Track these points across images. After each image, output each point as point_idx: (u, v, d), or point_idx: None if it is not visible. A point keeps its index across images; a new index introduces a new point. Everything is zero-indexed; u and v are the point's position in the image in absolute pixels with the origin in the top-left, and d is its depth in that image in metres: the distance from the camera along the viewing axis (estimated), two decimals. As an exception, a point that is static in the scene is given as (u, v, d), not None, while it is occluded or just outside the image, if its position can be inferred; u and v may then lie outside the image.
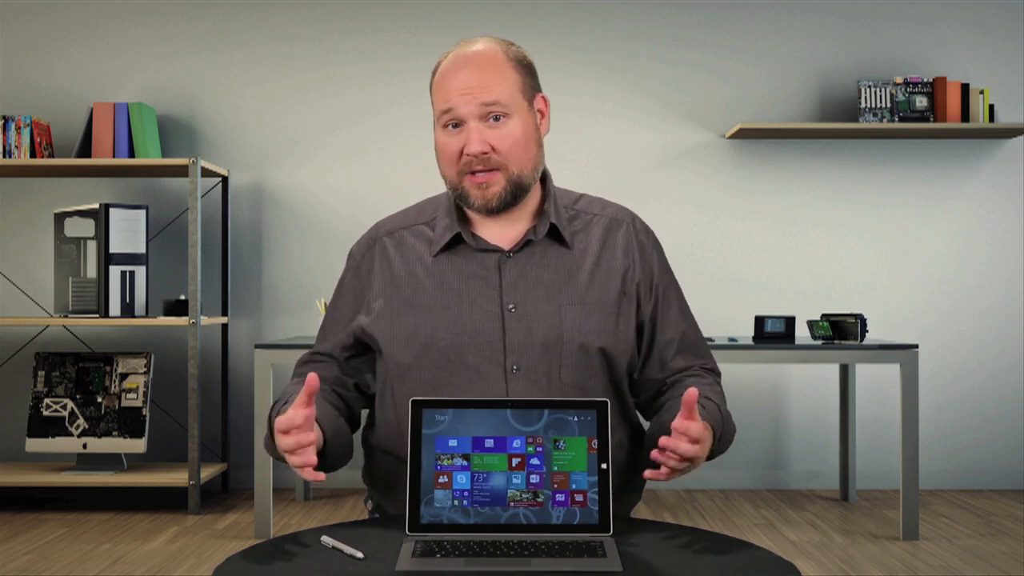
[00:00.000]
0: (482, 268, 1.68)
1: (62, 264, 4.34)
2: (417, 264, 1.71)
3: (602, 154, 4.70)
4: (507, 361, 1.65)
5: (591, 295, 1.68)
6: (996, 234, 4.71)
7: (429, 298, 1.68)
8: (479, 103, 1.63)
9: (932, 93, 4.54)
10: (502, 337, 1.65)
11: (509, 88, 1.65)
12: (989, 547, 3.64)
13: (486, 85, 1.63)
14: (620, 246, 1.73)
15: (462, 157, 1.65)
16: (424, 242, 1.73)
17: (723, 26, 4.72)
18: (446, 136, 1.66)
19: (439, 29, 4.71)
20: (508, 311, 1.66)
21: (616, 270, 1.71)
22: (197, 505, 4.17)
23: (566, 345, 1.65)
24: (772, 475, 4.71)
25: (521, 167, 1.66)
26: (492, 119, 1.64)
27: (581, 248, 1.72)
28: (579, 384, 1.66)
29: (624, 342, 1.70)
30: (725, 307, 4.68)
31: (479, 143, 1.62)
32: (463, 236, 1.69)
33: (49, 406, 4.33)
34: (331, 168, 4.72)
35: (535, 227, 1.70)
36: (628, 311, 1.71)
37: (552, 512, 1.46)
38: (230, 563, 1.38)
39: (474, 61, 1.65)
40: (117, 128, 4.40)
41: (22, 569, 3.34)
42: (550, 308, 1.66)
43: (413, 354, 1.67)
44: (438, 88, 1.67)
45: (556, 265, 1.69)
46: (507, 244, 1.70)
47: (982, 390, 4.72)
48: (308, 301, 4.69)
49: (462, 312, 1.66)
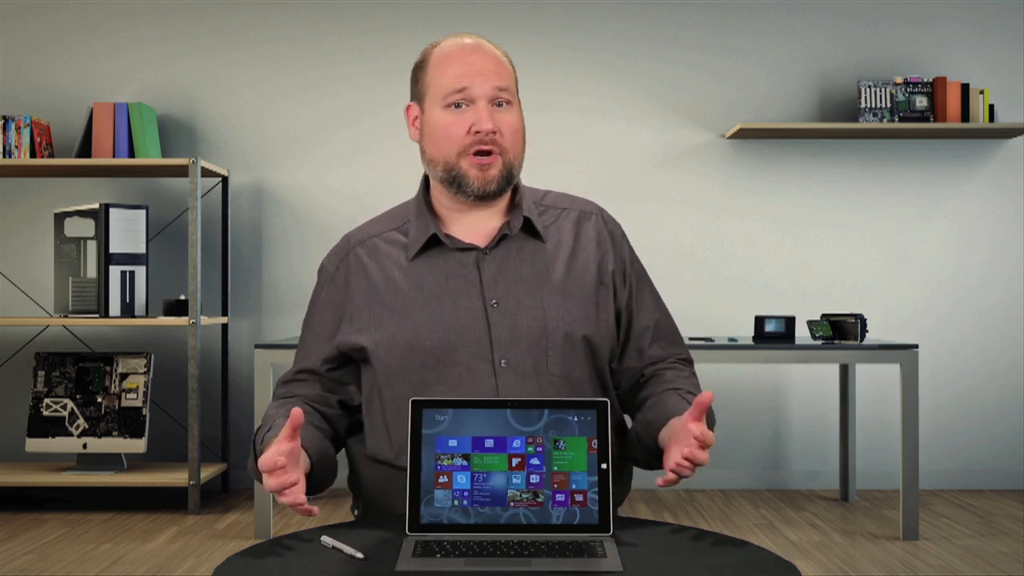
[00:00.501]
0: (460, 267, 1.69)
1: (62, 264, 4.34)
2: (394, 269, 1.72)
3: (602, 154, 4.70)
4: (495, 356, 1.65)
5: (570, 285, 1.70)
6: (996, 234, 4.71)
7: (410, 301, 1.69)
8: (493, 85, 1.66)
9: (932, 93, 4.54)
10: (488, 333, 1.66)
11: (512, 83, 1.71)
12: (989, 547, 3.64)
13: (498, 71, 1.68)
14: (592, 237, 1.76)
15: (467, 136, 1.65)
16: (398, 247, 1.74)
17: (723, 26, 4.72)
18: (450, 115, 1.67)
19: (439, 29, 4.71)
20: (491, 307, 1.67)
21: (591, 260, 1.73)
22: (197, 505, 4.17)
23: (551, 336, 1.67)
24: (772, 475, 4.71)
25: (516, 154, 1.70)
26: (497, 104, 1.67)
27: (554, 241, 1.73)
28: (566, 374, 1.67)
29: (605, 329, 1.72)
30: (725, 307, 4.68)
31: (490, 121, 1.65)
32: (439, 236, 1.70)
33: (49, 406, 4.33)
34: (331, 168, 4.72)
35: (509, 222, 1.71)
36: (606, 299, 1.73)
37: (552, 512, 1.46)
38: (230, 563, 1.38)
39: (481, 49, 1.69)
40: (117, 128, 4.40)
41: (22, 569, 3.34)
42: (532, 301, 1.68)
43: (401, 358, 1.67)
44: (443, 69, 1.68)
45: (533, 259, 1.71)
46: (482, 241, 1.71)
47: (982, 390, 4.72)
48: (308, 301, 4.69)
49: (445, 311, 1.67)
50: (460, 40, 1.70)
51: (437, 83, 1.68)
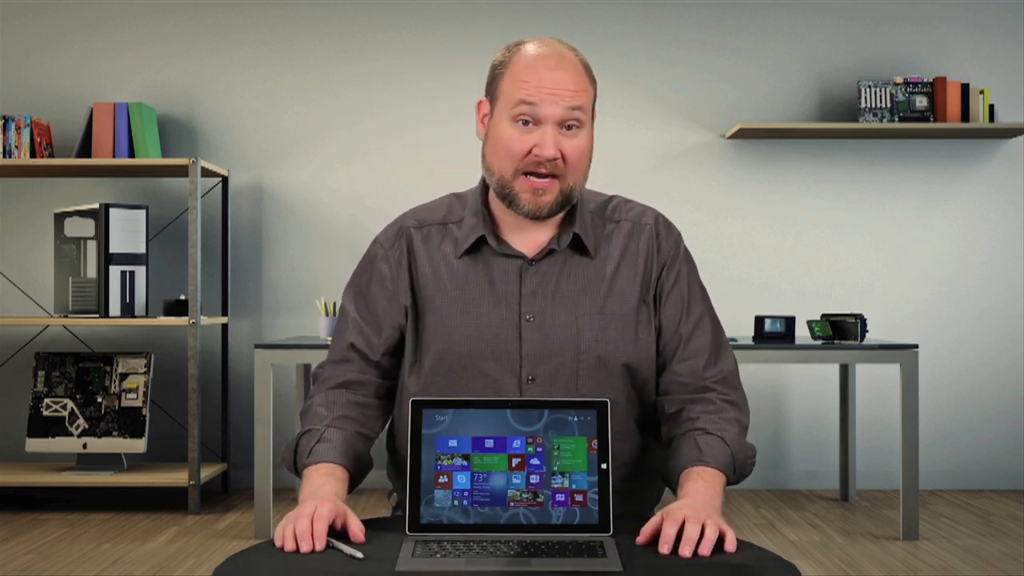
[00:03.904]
0: (503, 274, 1.67)
1: (62, 264, 4.34)
2: (441, 263, 1.69)
3: (602, 154, 4.70)
4: (523, 371, 1.64)
5: (610, 305, 1.66)
6: (996, 234, 4.71)
7: (449, 300, 1.67)
8: (566, 106, 1.58)
9: (932, 93, 4.54)
10: (519, 347, 1.64)
11: (588, 100, 1.63)
12: (989, 547, 3.64)
13: (577, 91, 1.60)
14: (642, 251, 1.70)
15: (527, 157, 1.59)
16: (450, 241, 1.70)
17: (723, 26, 4.72)
18: (515, 130, 1.60)
19: (439, 29, 4.71)
20: (526, 321, 1.65)
21: (636, 277, 1.69)
22: (197, 505, 4.17)
23: (583, 356, 1.64)
24: (772, 475, 4.71)
25: (577, 180, 1.63)
26: (566, 128, 1.60)
27: (603, 256, 1.69)
28: (598, 395, 1.64)
29: (645, 352, 1.68)
30: (725, 307, 4.68)
31: (554, 148, 1.58)
32: (487, 239, 1.67)
33: (49, 406, 4.33)
34: (331, 168, 4.72)
35: (559, 236, 1.68)
36: (647, 318, 1.69)
37: (552, 512, 1.46)
38: (230, 563, 1.38)
39: (566, 64, 1.60)
40: (117, 128, 4.40)
41: (22, 569, 3.34)
42: (567, 319, 1.65)
43: (432, 358, 1.66)
44: (519, 78, 1.60)
45: (577, 275, 1.67)
46: (531, 251, 1.68)
47: (982, 390, 4.72)
48: (308, 301, 4.69)
49: (480, 319, 1.65)
50: (542, 49, 1.61)
51: (510, 92, 1.60)
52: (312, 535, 1.40)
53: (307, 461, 1.60)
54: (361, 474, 1.64)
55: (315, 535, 1.40)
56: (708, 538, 1.39)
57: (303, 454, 1.61)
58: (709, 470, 1.58)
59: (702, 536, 1.39)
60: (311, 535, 1.40)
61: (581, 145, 1.61)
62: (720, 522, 1.43)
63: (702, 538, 1.39)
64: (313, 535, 1.40)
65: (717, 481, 1.57)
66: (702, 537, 1.39)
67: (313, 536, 1.40)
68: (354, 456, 1.62)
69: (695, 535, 1.39)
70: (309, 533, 1.40)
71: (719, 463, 1.59)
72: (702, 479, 1.56)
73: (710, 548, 1.38)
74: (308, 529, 1.40)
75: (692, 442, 1.61)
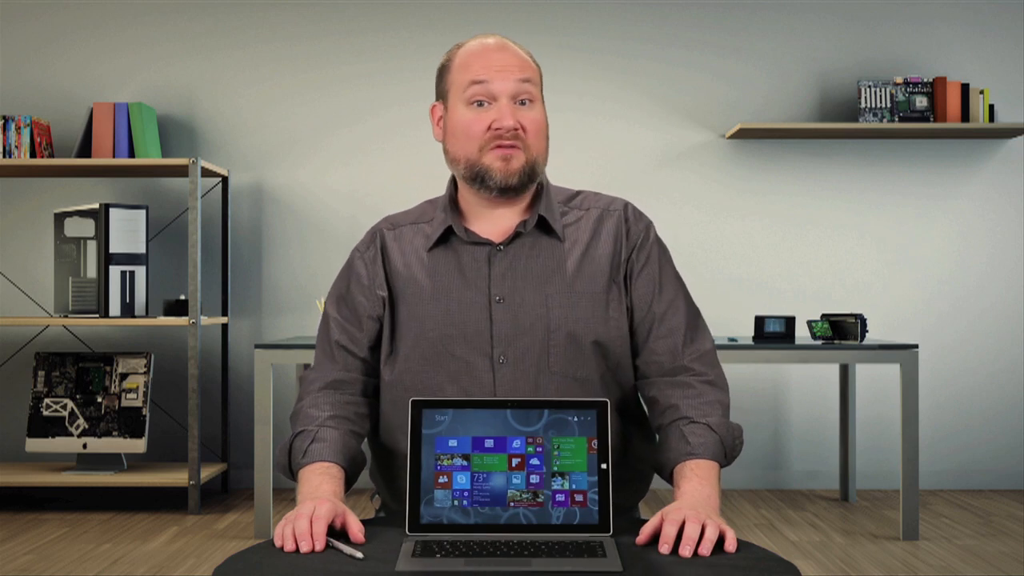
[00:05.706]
0: (473, 261, 1.70)
1: (62, 264, 4.34)
2: (413, 257, 1.74)
3: (602, 154, 4.70)
4: (494, 352, 1.66)
5: (579, 284, 1.69)
6: (996, 234, 4.71)
7: (421, 290, 1.71)
8: (515, 79, 1.66)
9: (932, 93, 4.54)
10: (489, 328, 1.67)
11: (536, 77, 1.71)
12: (989, 547, 3.64)
13: (523, 66, 1.68)
14: (611, 234, 1.73)
15: (488, 132, 1.65)
16: (422, 237, 1.75)
17: (723, 26, 4.72)
18: (472, 112, 1.67)
19: (439, 29, 4.71)
20: (495, 302, 1.68)
21: (604, 257, 1.71)
22: (197, 505, 4.17)
23: (553, 334, 1.66)
24: (772, 475, 4.71)
25: (539, 152, 1.69)
26: (520, 102, 1.67)
27: (572, 240, 1.72)
28: (570, 373, 1.67)
29: (616, 330, 1.70)
30: (725, 307, 4.68)
31: (512, 118, 1.65)
32: (455, 229, 1.71)
33: (49, 406, 4.33)
34: (331, 168, 4.72)
35: (524, 220, 1.71)
36: (618, 296, 1.71)
37: (552, 512, 1.46)
38: (230, 563, 1.38)
39: (505, 47, 1.70)
40: (117, 128, 4.40)
41: (22, 569, 3.34)
42: (536, 298, 1.68)
43: (406, 346, 1.69)
44: (465, 65, 1.68)
45: (545, 256, 1.70)
46: (499, 237, 1.72)
47: (982, 390, 4.72)
48: (308, 301, 4.69)
49: (451, 304, 1.68)
50: (483, 40, 1.71)
51: (460, 79, 1.69)
52: (312, 535, 1.41)
53: (303, 462, 1.62)
54: (356, 473, 1.66)
55: (315, 535, 1.41)
56: (708, 538, 1.39)
57: (298, 455, 1.64)
58: (702, 462, 1.59)
59: (702, 536, 1.40)
60: (311, 535, 1.41)
61: (537, 117, 1.69)
62: (720, 522, 1.43)
63: (702, 538, 1.40)
64: (313, 535, 1.41)
65: (712, 474, 1.58)
66: (702, 537, 1.40)
67: (313, 536, 1.41)
68: (349, 455, 1.65)
69: (695, 535, 1.39)
70: (309, 533, 1.41)
71: (709, 452, 1.60)
72: (698, 476, 1.57)
73: (710, 548, 1.39)
74: (308, 529, 1.42)
75: (679, 434, 1.62)
